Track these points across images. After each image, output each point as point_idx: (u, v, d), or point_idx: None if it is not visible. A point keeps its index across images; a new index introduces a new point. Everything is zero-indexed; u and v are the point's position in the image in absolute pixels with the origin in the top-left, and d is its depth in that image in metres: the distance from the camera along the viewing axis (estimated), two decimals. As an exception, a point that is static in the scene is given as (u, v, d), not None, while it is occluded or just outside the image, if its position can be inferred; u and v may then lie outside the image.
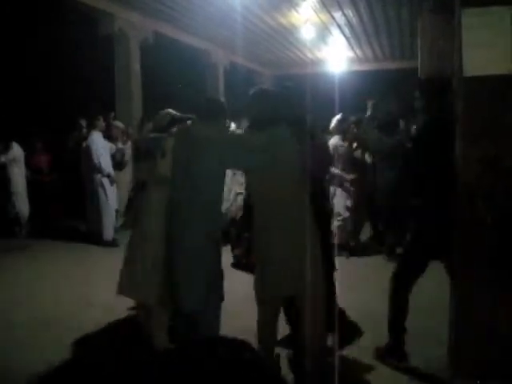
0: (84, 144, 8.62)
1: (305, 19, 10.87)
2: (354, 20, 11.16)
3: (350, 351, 4.15)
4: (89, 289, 6.12)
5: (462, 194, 3.23)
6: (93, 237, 8.56)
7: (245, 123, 7.84)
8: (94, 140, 8.39)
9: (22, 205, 9.12)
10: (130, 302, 5.51)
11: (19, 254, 8.07)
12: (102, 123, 8.65)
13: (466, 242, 3.25)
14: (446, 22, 7.40)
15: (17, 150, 9.07)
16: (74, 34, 11.90)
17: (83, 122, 9.75)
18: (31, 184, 9.46)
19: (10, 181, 9.00)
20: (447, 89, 3.57)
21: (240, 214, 6.90)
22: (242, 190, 6.84)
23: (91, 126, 8.74)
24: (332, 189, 7.19)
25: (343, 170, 7.39)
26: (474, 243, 3.23)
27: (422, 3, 8.93)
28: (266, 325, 3.55)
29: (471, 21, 3.21)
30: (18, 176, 9.08)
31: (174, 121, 4.52)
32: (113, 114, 9.53)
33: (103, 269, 7.02)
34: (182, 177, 3.61)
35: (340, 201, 7.40)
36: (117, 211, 8.98)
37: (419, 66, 4.38)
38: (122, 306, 5.40)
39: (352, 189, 7.42)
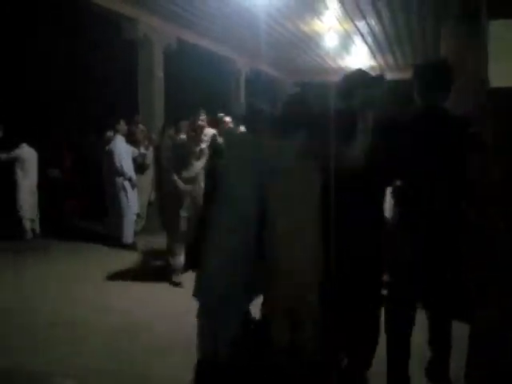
0: (107, 148, 8.70)
1: (328, 27, 10.87)
2: (377, 29, 11.13)
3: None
4: (105, 292, 6.15)
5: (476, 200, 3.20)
6: (112, 239, 8.61)
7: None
8: (116, 144, 8.48)
9: (27, 207, 9.17)
10: (147, 307, 5.54)
11: (32, 254, 8.14)
12: (124, 127, 8.74)
13: (477, 247, 3.20)
14: (469, 31, 7.36)
15: (24, 152, 9.14)
16: (98, 38, 12.06)
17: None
18: (52, 181, 9.54)
19: (15, 182, 9.10)
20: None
21: None
22: None
23: (114, 130, 8.82)
24: None
25: None
26: (487, 248, 3.17)
27: (447, 13, 8.90)
28: None
29: (498, 32, 3.18)
30: (23, 178, 9.14)
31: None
32: (138, 118, 9.61)
33: (121, 272, 7.07)
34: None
35: None
36: (137, 215, 9.04)
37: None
38: (138, 311, 5.44)
39: None
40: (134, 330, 4.90)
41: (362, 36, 11.79)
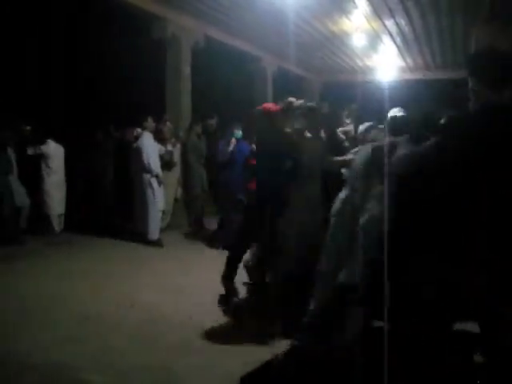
0: (135, 145, 8.79)
1: (356, 27, 10.81)
2: (407, 28, 11.03)
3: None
4: (131, 288, 6.21)
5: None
6: (138, 236, 8.70)
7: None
8: (144, 141, 8.56)
9: (50, 202, 9.29)
10: (172, 303, 5.58)
11: (58, 250, 8.23)
12: (151, 124, 8.82)
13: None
14: (501, 31, 7.25)
15: (49, 148, 9.28)
16: (127, 37, 12.18)
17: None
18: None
19: (40, 177, 9.27)
20: None
21: None
22: None
23: (141, 127, 8.90)
24: None
25: None
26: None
27: (477, 12, 8.78)
28: None
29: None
30: (49, 174, 9.28)
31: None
32: (166, 117, 9.68)
33: (147, 268, 7.14)
34: None
35: None
36: (163, 212, 9.11)
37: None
38: (162, 307, 5.48)
39: None
40: (161, 325, 4.95)
41: (391, 35, 11.69)
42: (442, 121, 3.14)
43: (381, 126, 5.88)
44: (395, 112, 4.50)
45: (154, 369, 4.01)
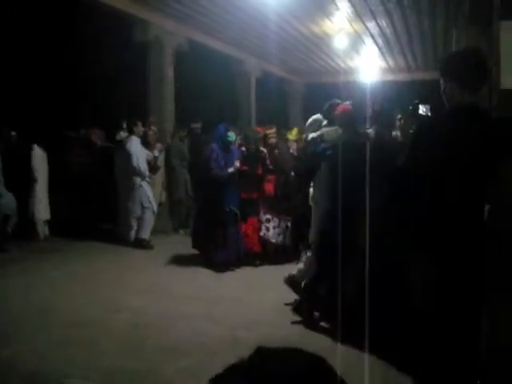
0: (124, 148, 8.74)
1: (338, 28, 10.87)
2: (388, 30, 11.11)
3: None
4: (118, 292, 6.19)
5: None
6: (124, 239, 8.69)
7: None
8: (133, 145, 8.57)
9: (39, 208, 9.15)
10: (160, 307, 5.58)
11: (45, 256, 8.15)
12: (140, 128, 8.85)
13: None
14: (481, 33, 7.33)
15: (35, 154, 9.17)
16: (110, 40, 12.13)
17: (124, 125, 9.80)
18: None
19: (28, 183, 9.12)
20: None
21: None
22: None
23: (129, 131, 8.90)
24: None
25: None
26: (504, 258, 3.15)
27: (458, 14, 8.87)
28: None
29: (509, 33, 3.19)
30: (35, 179, 9.12)
31: None
32: (151, 120, 9.65)
33: (133, 272, 7.12)
34: None
35: None
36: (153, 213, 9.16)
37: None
38: (150, 311, 5.47)
39: None
40: (148, 329, 4.94)
41: (373, 37, 11.78)
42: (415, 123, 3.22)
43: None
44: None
45: (142, 373, 4.02)
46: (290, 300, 5.47)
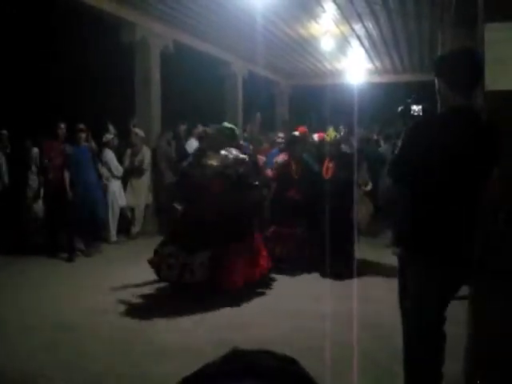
0: (103, 152, 8.77)
1: (324, 30, 10.89)
2: (374, 32, 11.16)
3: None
4: (104, 295, 6.14)
5: (488, 207, 3.16)
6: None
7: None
8: (108, 157, 8.89)
9: (36, 209, 9.08)
10: (146, 309, 5.54)
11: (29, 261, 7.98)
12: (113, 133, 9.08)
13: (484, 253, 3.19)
14: (466, 35, 7.37)
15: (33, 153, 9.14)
16: (96, 41, 12.07)
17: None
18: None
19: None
20: None
21: None
22: None
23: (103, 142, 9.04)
24: None
25: None
26: (493, 255, 3.18)
27: (443, 16, 8.92)
28: None
29: (494, 35, 3.20)
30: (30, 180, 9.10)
31: None
32: (134, 121, 9.60)
33: (119, 275, 7.08)
34: None
35: None
36: (135, 219, 9.13)
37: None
38: (136, 313, 5.43)
39: None
40: (135, 332, 4.90)
41: (359, 39, 11.82)
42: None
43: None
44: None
45: (129, 376, 3.99)
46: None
